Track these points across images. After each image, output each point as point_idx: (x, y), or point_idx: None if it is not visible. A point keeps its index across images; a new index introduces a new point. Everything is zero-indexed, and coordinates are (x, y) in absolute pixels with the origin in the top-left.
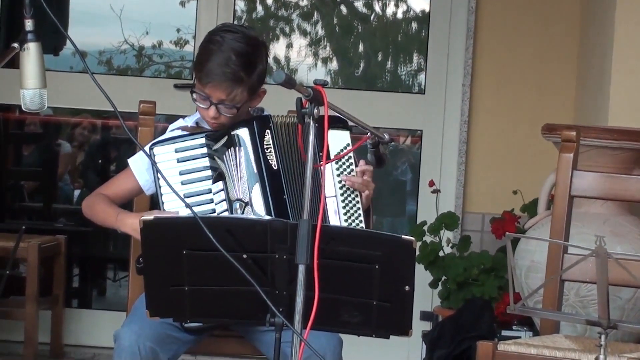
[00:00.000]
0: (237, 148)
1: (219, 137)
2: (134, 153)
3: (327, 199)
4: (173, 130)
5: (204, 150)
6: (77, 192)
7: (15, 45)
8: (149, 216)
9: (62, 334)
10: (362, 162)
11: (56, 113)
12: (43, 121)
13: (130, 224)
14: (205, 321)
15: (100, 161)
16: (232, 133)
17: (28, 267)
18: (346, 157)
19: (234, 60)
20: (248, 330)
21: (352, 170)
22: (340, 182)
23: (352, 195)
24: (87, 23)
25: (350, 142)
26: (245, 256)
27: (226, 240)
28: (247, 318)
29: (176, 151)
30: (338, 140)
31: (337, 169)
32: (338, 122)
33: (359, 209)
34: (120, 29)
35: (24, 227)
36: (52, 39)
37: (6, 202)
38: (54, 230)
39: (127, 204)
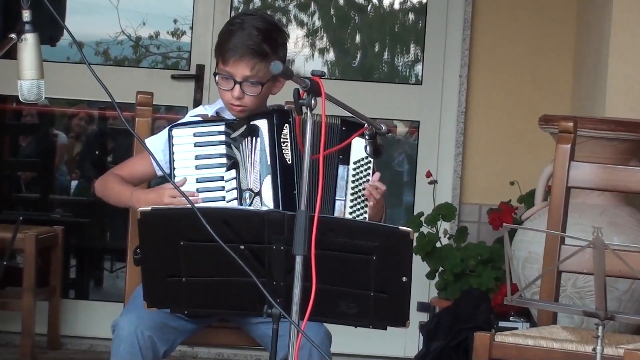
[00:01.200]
0: (254, 138)
1: (237, 127)
2: (130, 144)
3: (336, 201)
4: (192, 116)
5: (222, 137)
6: (74, 183)
7: (13, 36)
8: (146, 207)
9: (59, 325)
10: (377, 175)
11: (53, 104)
12: (40, 112)
13: (145, 200)
14: (202, 312)
15: (97, 152)
16: (251, 123)
17: (25, 258)
18: (365, 166)
19: (255, 34)
20: (245, 322)
21: (368, 179)
22: (353, 188)
23: (361, 204)
24: (84, 13)
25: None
26: (242, 247)
27: (223, 231)
28: (244, 309)
29: (195, 135)
30: (360, 149)
31: (354, 175)
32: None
33: (365, 218)
34: (117, 19)
35: (21, 218)
36: (50, 29)
37: (3, 193)
38: (51, 221)
39: None
